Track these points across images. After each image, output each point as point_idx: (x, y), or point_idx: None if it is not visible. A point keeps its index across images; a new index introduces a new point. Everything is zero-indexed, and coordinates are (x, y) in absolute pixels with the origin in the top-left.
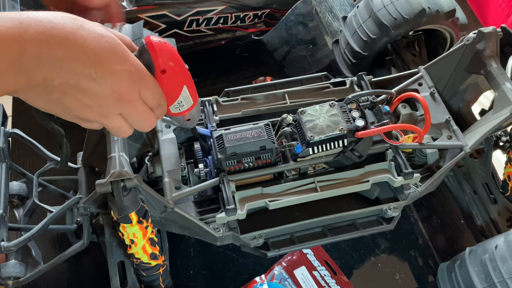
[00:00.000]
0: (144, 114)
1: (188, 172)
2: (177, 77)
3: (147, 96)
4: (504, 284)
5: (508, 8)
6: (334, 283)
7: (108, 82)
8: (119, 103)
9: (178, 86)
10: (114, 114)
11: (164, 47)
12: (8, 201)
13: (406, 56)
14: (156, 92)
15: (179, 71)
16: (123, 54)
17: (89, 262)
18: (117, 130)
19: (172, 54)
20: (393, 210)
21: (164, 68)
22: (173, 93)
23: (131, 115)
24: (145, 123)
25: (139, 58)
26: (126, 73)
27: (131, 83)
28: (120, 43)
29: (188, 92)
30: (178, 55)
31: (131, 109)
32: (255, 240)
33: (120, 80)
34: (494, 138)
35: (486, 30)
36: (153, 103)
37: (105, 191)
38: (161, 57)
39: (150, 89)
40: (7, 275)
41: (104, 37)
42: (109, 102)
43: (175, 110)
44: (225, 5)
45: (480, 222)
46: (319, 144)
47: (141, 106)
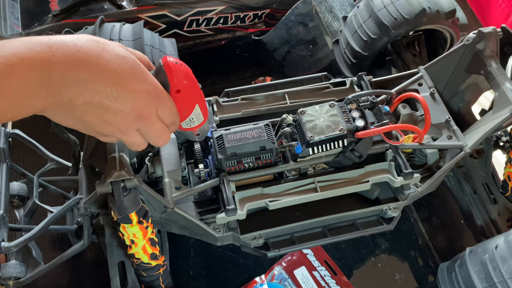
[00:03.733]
0: (160, 131)
1: (188, 172)
2: (190, 97)
3: (164, 114)
4: (504, 284)
5: (508, 8)
6: (334, 283)
7: (128, 101)
8: (138, 120)
9: (191, 104)
10: (132, 130)
11: (180, 68)
12: (9, 202)
13: (406, 56)
14: (172, 110)
15: (193, 91)
16: (142, 74)
17: (89, 262)
18: (133, 145)
19: (187, 75)
20: (393, 210)
21: (179, 88)
22: (186, 111)
23: (148, 132)
24: (160, 139)
25: (156, 77)
26: (145, 92)
27: (149, 101)
28: (139, 63)
29: (200, 110)
30: (192, 76)
31: (148, 126)
32: (255, 240)
33: (139, 98)
34: (494, 138)
35: (486, 30)
36: (168, 120)
37: (105, 191)
38: (177, 77)
39: (167, 107)
40: (8, 275)
41: (125, 59)
42: (129, 119)
43: (186, 125)
44: (225, 5)
45: (480, 222)
46: (319, 144)
47: (157, 123)
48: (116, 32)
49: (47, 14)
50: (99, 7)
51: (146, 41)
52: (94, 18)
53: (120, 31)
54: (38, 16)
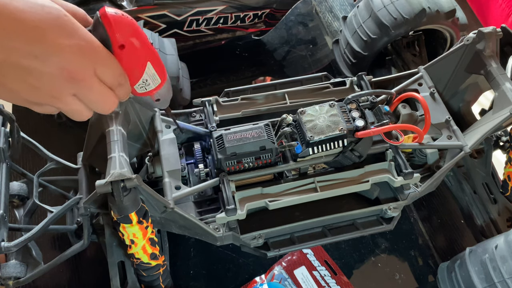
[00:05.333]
0: (101, 94)
1: (188, 172)
2: (138, 53)
3: (104, 74)
4: (504, 284)
5: (508, 8)
6: (334, 283)
7: (55, 60)
8: (71, 83)
9: (141, 62)
10: (67, 96)
11: (122, 19)
12: (9, 201)
13: (406, 56)
14: (115, 69)
15: (141, 46)
16: (71, 27)
17: (89, 262)
18: (74, 114)
19: (130, 27)
20: (393, 210)
21: (122, 43)
22: (136, 70)
23: (87, 96)
24: (104, 105)
25: (93, 33)
26: (75, 48)
27: (82, 59)
28: (66, 14)
29: (154, 69)
30: (138, 28)
31: (85, 89)
32: (255, 240)
33: (69, 56)
34: (494, 138)
35: (486, 30)
36: (112, 82)
37: (105, 191)
38: (118, 30)
39: (107, 66)
40: (8, 275)
41: (45, 8)
42: (59, 82)
43: (141, 89)
44: (225, 5)
45: (480, 222)
46: (319, 144)
47: (97, 85)
48: None
49: None
50: (99, 7)
51: None
52: None
53: None
54: None
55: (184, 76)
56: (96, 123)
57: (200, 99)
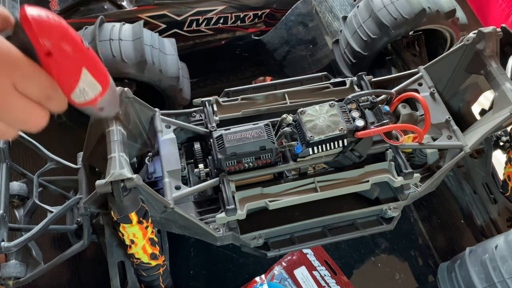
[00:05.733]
0: (25, 111)
1: (188, 172)
2: (70, 59)
3: (27, 88)
4: (504, 284)
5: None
6: (334, 283)
7: None
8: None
9: (74, 70)
10: None
11: (46, 22)
12: (9, 201)
13: (406, 56)
14: (40, 81)
15: (72, 51)
16: None
17: (89, 262)
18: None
19: (58, 30)
20: (393, 210)
21: (49, 50)
22: (69, 79)
23: (6, 115)
24: (29, 123)
25: (13, 39)
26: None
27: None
28: None
29: (91, 76)
30: (67, 30)
31: (3, 107)
32: (255, 240)
33: None
34: (494, 138)
35: (486, 30)
36: (38, 95)
37: (105, 191)
38: (43, 35)
39: (29, 78)
40: (8, 275)
41: None
42: None
43: (79, 99)
44: (225, 5)
45: (480, 222)
46: (319, 144)
47: (18, 102)
48: (116, 32)
49: None
50: (99, 7)
51: (146, 41)
52: (94, 18)
53: (120, 31)
54: None
55: (184, 76)
56: (96, 123)
57: (200, 99)
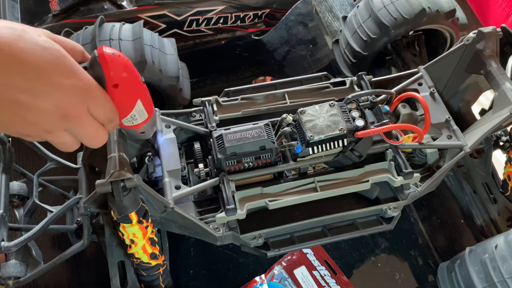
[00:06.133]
0: (93, 130)
1: (188, 172)
2: (130, 91)
3: (97, 111)
4: (504, 283)
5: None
6: (334, 283)
7: (52, 98)
8: (65, 120)
9: (132, 100)
10: (59, 131)
11: (117, 60)
12: (9, 201)
13: (406, 56)
14: (107, 107)
15: (133, 85)
16: (69, 67)
17: (89, 262)
18: (62, 146)
19: (125, 67)
20: (393, 210)
21: (117, 82)
22: (126, 107)
23: (78, 132)
24: (94, 140)
25: (89, 70)
26: (72, 88)
27: (78, 98)
28: (65, 55)
29: (143, 106)
30: (133, 68)
31: (78, 125)
32: (255, 240)
33: (65, 95)
34: (494, 138)
35: (486, 30)
36: (104, 119)
37: (105, 191)
38: (113, 70)
39: (100, 104)
40: (8, 275)
41: (47, 49)
42: (54, 118)
43: (128, 123)
44: (225, 5)
45: (480, 222)
46: (319, 144)
47: (89, 122)
48: (116, 32)
49: (47, 14)
50: (99, 7)
51: (146, 41)
52: (94, 18)
53: (120, 31)
54: (38, 16)
55: (184, 76)
56: None
57: (200, 99)
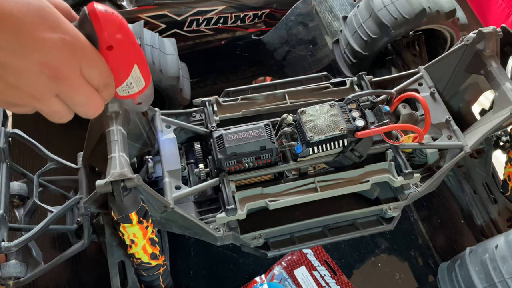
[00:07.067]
0: (87, 95)
1: (188, 172)
2: (126, 54)
3: (91, 73)
4: (504, 284)
5: (508, 8)
6: (334, 283)
7: (35, 55)
8: (54, 81)
9: (128, 64)
10: (49, 96)
11: (111, 17)
12: (9, 201)
13: (406, 56)
14: (102, 69)
15: (129, 47)
16: (54, 20)
17: (89, 262)
18: (53, 116)
19: (121, 26)
20: (393, 210)
21: (111, 44)
22: (122, 73)
23: (71, 97)
24: (90, 107)
25: (79, 30)
26: (59, 43)
27: (67, 55)
28: (49, 5)
29: (140, 72)
30: (128, 28)
31: (70, 88)
32: (255, 240)
33: (51, 51)
34: (494, 138)
35: (486, 30)
36: (98, 82)
37: (106, 191)
38: (107, 29)
39: (94, 64)
40: (8, 275)
41: (25, 0)
42: (41, 80)
43: (123, 92)
44: (225, 5)
45: (480, 222)
46: (319, 144)
47: (83, 85)
48: None
49: None
50: None
51: (146, 41)
52: None
53: None
54: None
55: (184, 76)
56: (96, 123)
57: (200, 99)
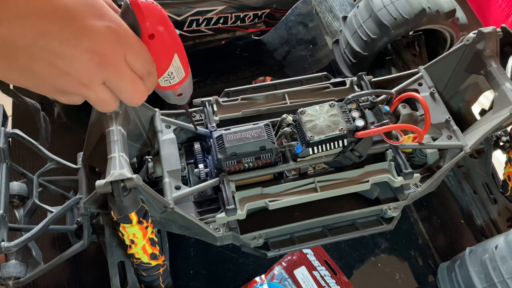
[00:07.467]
0: (132, 82)
1: (188, 172)
2: (167, 44)
3: (135, 61)
4: (504, 284)
5: (508, 8)
6: (334, 283)
7: (86, 42)
8: (102, 68)
9: (169, 54)
10: (97, 83)
11: (152, 7)
12: (9, 201)
13: (406, 56)
14: (145, 57)
15: (170, 37)
16: (101, 8)
17: (89, 262)
18: (100, 104)
19: (161, 16)
20: (393, 210)
21: (152, 33)
22: (163, 62)
23: (117, 83)
24: (134, 94)
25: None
26: (106, 31)
27: (113, 42)
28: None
29: (180, 62)
30: (167, 18)
31: (116, 75)
32: (255, 240)
33: (100, 39)
34: (494, 138)
35: (486, 30)
36: (142, 70)
37: (105, 191)
38: (149, 19)
39: (138, 52)
40: (8, 275)
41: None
42: (90, 67)
43: (165, 83)
44: (225, 5)
45: (480, 222)
46: (319, 144)
47: (128, 72)
48: None
49: None
50: None
51: None
52: None
53: None
54: None
55: None
56: (96, 123)
57: (200, 99)
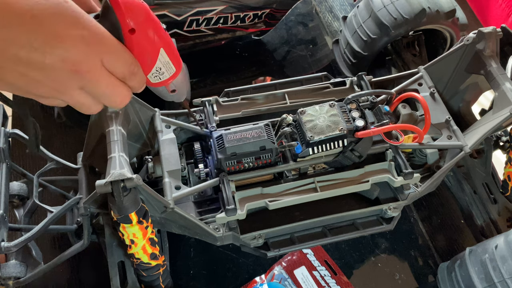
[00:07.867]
0: (111, 86)
1: (188, 172)
2: (150, 38)
3: (113, 64)
4: (504, 284)
5: (508, 8)
6: (334, 283)
7: (56, 51)
8: (75, 75)
9: (154, 49)
10: (73, 89)
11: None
12: (9, 201)
13: (406, 56)
14: (124, 58)
15: (153, 31)
16: (72, 15)
17: (89, 262)
18: (81, 107)
19: (142, 10)
20: (393, 210)
21: (133, 27)
22: (148, 58)
23: (94, 89)
24: (115, 98)
25: (102, 20)
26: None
27: (86, 49)
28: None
29: (168, 57)
30: (150, 12)
31: (92, 81)
32: (255, 240)
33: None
34: (494, 138)
35: (486, 30)
36: (123, 72)
37: (105, 191)
38: (128, 14)
39: (116, 55)
40: (8, 275)
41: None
42: (63, 75)
43: (155, 79)
44: (225, 5)
45: (480, 222)
46: (319, 144)
47: (105, 77)
48: None
49: None
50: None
51: None
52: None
53: None
54: None
55: None
56: (96, 123)
57: (200, 99)
